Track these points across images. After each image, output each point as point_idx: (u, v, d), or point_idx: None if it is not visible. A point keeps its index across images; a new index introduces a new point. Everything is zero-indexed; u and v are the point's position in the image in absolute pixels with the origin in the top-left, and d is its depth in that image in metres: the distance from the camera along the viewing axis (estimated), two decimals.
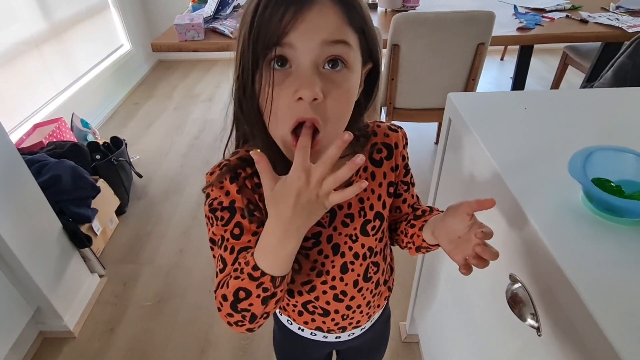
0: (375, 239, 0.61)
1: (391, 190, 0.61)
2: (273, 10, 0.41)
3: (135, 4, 3.38)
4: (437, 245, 0.60)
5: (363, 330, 0.71)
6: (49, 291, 1.34)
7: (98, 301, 1.57)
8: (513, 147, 0.69)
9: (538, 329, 0.54)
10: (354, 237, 0.59)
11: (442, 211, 0.62)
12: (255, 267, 0.45)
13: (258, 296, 0.46)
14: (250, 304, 0.46)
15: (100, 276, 1.65)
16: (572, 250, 0.49)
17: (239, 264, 0.48)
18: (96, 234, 1.71)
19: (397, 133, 0.62)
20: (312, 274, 0.60)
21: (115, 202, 1.92)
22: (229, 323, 0.49)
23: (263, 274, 0.44)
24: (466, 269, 0.51)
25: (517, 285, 0.58)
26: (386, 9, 2.13)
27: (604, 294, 0.44)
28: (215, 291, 0.50)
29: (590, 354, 0.44)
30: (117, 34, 3.15)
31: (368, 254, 0.61)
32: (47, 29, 2.35)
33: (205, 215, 0.53)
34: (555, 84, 2.60)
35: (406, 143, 0.64)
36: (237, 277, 0.46)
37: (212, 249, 0.54)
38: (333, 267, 0.60)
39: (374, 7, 2.16)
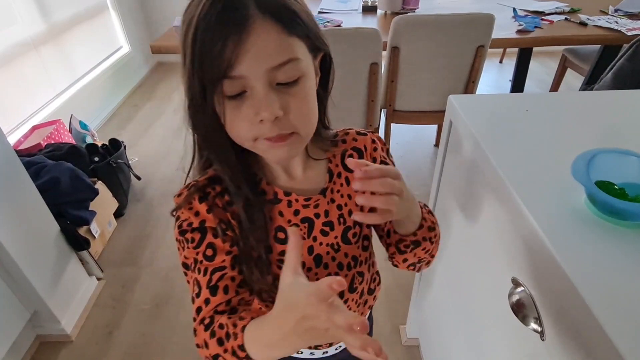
0: (358, 247, 0.59)
1: None
2: (212, 43, 0.39)
3: (135, 5, 3.38)
4: (410, 235, 0.56)
5: None
6: (46, 294, 1.33)
7: (96, 304, 1.56)
8: (515, 149, 0.68)
9: (542, 334, 0.53)
10: (335, 247, 0.57)
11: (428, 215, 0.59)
12: (242, 348, 0.42)
13: None
14: None
15: (99, 279, 1.64)
16: (575, 254, 0.49)
17: (222, 328, 0.44)
18: (94, 237, 1.70)
19: (366, 136, 0.60)
20: None
21: (114, 204, 1.91)
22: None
23: (248, 357, 0.42)
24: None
25: (520, 289, 0.58)
26: (386, 12, 2.13)
27: (609, 298, 0.43)
28: (194, 319, 0.48)
29: (595, 358, 0.43)
30: (116, 35, 3.15)
31: (352, 263, 0.59)
32: (46, 30, 2.34)
33: (176, 239, 0.51)
34: (555, 87, 2.61)
35: (383, 146, 0.61)
36: (220, 343, 0.43)
37: (185, 274, 0.52)
38: (317, 280, 0.58)
39: (373, 9, 2.16)
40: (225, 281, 0.49)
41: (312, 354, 0.67)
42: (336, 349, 0.68)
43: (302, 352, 0.66)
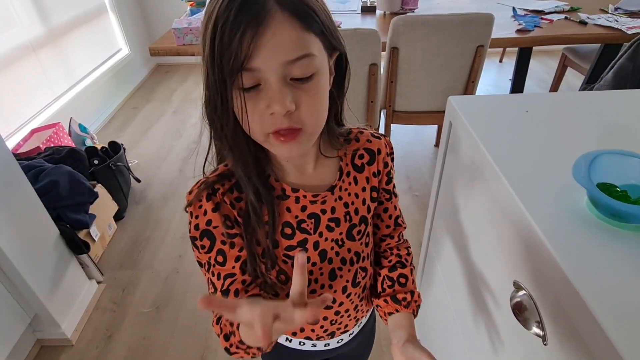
0: (361, 244, 0.61)
1: (374, 195, 0.61)
2: (230, 36, 0.40)
3: (134, 8, 3.38)
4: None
5: (352, 336, 0.70)
6: (46, 298, 1.32)
7: (96, 308, 1.56)
8: (515, 150, 0.68)
9: (544, 338, 0.53)
10: (340, 242, 0.59)
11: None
12: (242, 342, 0.49)
13: (247, 353, 0.51)
14: (239, 354, 0.52)
15: (99, 282, 1.64)
16: (577, 257, 0.48)
17: (225, 326, 0.52)
18: (94, 240, 1.70)
19: (380, 140, 0.61)
20: None
21: (114, 207, 1.90)
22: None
23: (249, 347, 0.50)
24: None
25: (521, 293, 0.57)
26: (385, 12, 2.12)
27: (611, 301, 0.43)
28: (214, 316, 0.54)
29: None
30: (115, 38, 3.15)
31: (355, 258, 0.61)
32: (45, 33, 2.34)
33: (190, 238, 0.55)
34: (555, 86, 2.60)
35: (391, 152, 0.63)
36: (226, 339, 0.51)
37: (200, 267, 0.56)
38: (321, 274, 0.59)
39: (372, 9, 2.16)
40: (236, 285, 0.53)
41: (314, 345, 0.68)
42: (338, 342, 0.69)
43: (304, 344, 0.68)
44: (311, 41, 0.43)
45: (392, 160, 0.63)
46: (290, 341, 0.68)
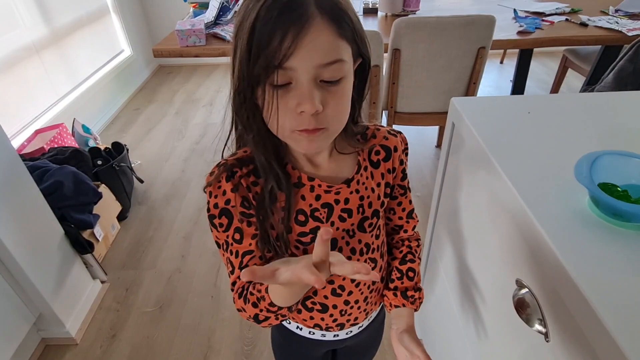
0: (372, 236, 0.63)
1: (387, 191, 0.64)
2: (272, 33, 0.42)
3: (136, 9, 3.39)
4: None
5: (361, 329, 0.72)
6: (50, 298, 1.33)
7: (100, 307, 1.57)
8: (517, 151, 0.69)
9: (546, 335, 0.54)
10: (351, 233, 0.61)
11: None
12: (272, 304, 0.50)
13: (277, 318, 0.53)
14: (269, 320, 0.53)
15: (102, 282, 1.65)
16: (579, 255, 0.49)
17: (252, 294, 0.52)
18: (98, 240, 1.71)
19: (397, 137, 0.63)
20: None
21: (117, 207, 1.91)
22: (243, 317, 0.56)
23: (280, 308, 0.50)
24: None
25: (524, 291, 0.58)
26: (387, 14, 2.14)
27: (613, 299, 0.44)
28: (232, 289, 0.56)
29: None
30: (117, 39, 3.16)
31: (365, 249, 0.62)
32: (48, 34, 2.35)
33: (208, 220, 0.57)
34: (555, 87, 2.61)
35: (405, 148, 0.65)
36: (255, 306, 0.52)
37: (218, 247, 0.58)
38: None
39: (374, 11, 2.17)
40: (254, 261, 0.56)
41: (323, 335, 0.70)
42: (347, 334, 0.71)
43: (314, 333, 0.69)
44: (344, 48, 0.46)
45: (407, 155, 0.66)
46: (300, 329, 0.70)
